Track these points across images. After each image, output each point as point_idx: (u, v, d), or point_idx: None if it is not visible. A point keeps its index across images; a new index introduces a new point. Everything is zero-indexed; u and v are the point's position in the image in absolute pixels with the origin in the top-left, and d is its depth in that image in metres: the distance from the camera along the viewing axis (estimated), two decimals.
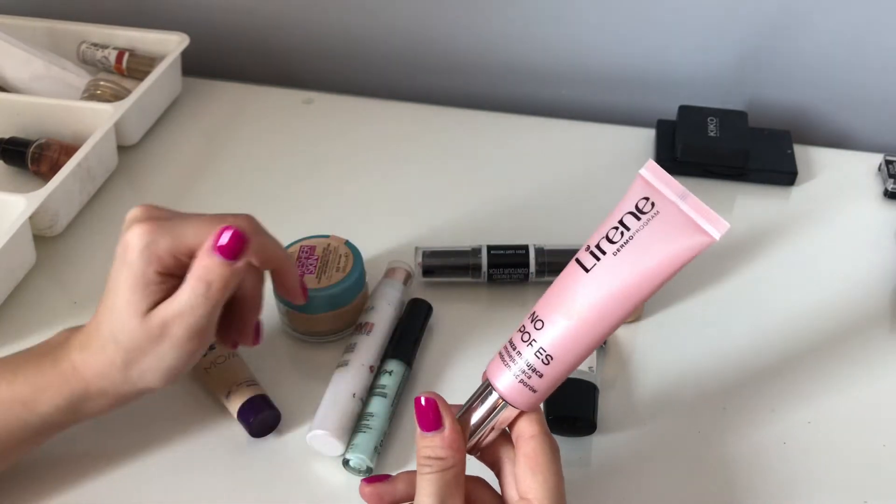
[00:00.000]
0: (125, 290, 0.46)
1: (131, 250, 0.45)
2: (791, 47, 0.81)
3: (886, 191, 0.74)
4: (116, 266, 0.46)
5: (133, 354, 0.46)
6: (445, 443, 0.41)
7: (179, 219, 0.47)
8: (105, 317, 0.47)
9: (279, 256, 0.50)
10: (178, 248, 0.45)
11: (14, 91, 0.80)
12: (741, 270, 0.67)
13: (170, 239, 0.45)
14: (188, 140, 0.81)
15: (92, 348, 0.47)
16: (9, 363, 0.49)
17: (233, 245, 0.45)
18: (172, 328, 0.46)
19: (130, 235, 0.45)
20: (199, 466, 0.53)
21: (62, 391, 0.47)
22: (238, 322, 0.51)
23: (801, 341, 0.62)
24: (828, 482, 0.53)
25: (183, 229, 0.46)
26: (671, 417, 0.56)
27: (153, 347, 0.46)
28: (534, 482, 0.41)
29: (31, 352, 0.50)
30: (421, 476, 0.41)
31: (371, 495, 0.45)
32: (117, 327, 0.46)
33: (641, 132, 0.81)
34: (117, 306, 0.46)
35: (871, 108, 0.84)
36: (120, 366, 0.47)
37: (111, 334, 0.46)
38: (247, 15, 0.91)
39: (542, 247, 0.65)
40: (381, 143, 0.81)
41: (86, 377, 0.47)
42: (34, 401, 0.47)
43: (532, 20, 0.85)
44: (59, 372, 0.47)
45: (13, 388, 0.47)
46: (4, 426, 0.47)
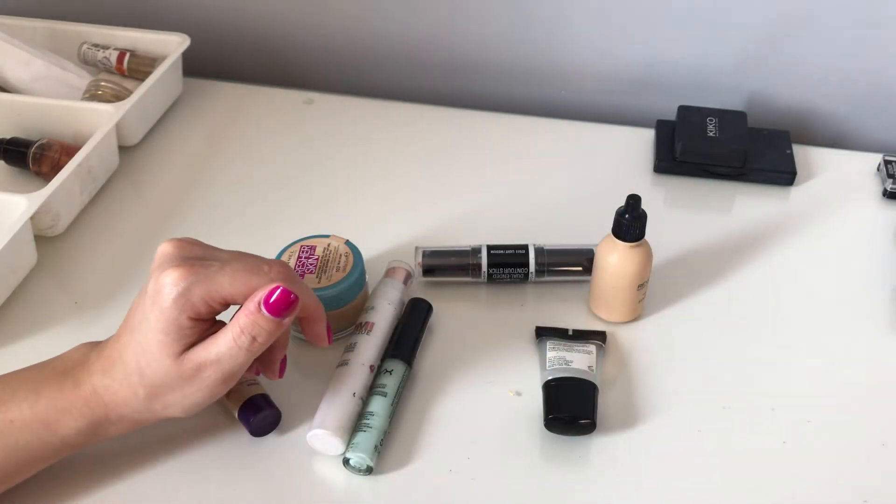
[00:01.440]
0: (157, 332, 0.46)
1: (165, 296, 0.45)
2: (790, 47, 0.82)
3: (885, 191, 0.74)
4: (148, 304, 0.46)
5: (160, 390, 0.47)
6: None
7: (215, 267, 0.47)
8: (132, 350, 0.47)
9: (311, 306, 0.51)
10: (213, 298, 0.46)
11: (15, 91, 0.80)
12: (740, 270, 0.67)
13: (205, 288, 0.46)
14: (189, 140, 0.81)
15: (115, 376, 0.47)
16: (29, 380, 0.49)
17: (283, 304, 0.47)
18: (206, 372, 0.47)
19: (165, 280, 0.46)
20: (200, 466, 0.53)
21: (84, 414, 0.47)
22: (266, 357, 0.52)
23: (801, 341, 0.62)
24: (828, 482, 0.53)
25: (219, 278, 0.46)
26: (671, 417, 0.56)
27: (182, 386, 0.47)
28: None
29: (51, 368, 0.49)
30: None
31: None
32: (145, 363, 0.46)
33: (641, 132, 0.82)
34: (148, 344, 0.46)
35: (871, 108, 0.84)
36: (143, 398, 0.47)
37: (138, 368, 0.47)
38: (247, 15, 0.91)
39: (542, 247, 0.65)
40: (381, 143, 0.81)
41: (107, 403, 0.48)
42: (56, 422, 0.47)
43: (532, 21, 0.85)
44: (80, 395, 0.48)
45: (35, 410, 0.47)
46: (26, 446, 0.47)
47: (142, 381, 0.47)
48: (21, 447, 0.47)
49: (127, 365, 0.47)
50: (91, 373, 0.48)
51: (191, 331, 0.46)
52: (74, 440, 0.48)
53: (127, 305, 0.63)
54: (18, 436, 0.47)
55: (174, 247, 0.48)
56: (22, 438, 0.47)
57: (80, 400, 0.47)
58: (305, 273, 0.59)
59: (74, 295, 0.65)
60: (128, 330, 0.48)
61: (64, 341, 0.61)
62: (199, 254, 0.48)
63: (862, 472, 0.53)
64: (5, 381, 0.49)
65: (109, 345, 0.49)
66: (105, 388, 0.48)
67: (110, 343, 0.49)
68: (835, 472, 0.53)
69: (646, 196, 0.59)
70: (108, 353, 0.48)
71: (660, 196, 0.75)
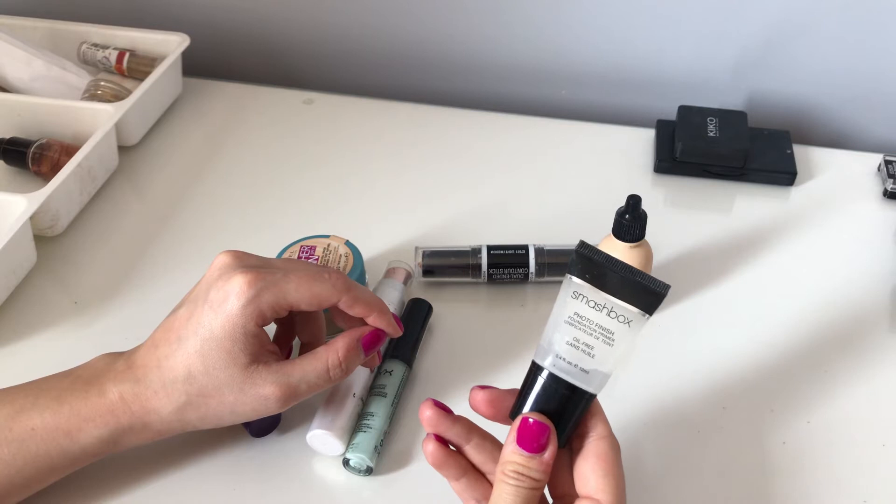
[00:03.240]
0: (223, 339, 0.46)
1: (232, 303, 0.45)
2: (790, 47, 0.82)
3: (886, 191, 0.74)
4: (207, 312, 0.46)
5: (208, 399, 0.47)
6: (543, 467, 0.41)
7: (279, 274, 0.47)
8: (182, 358, 0.46)
9: (376, 303, 0.50)
10: (280, 305, 0.46)
11: (15, 91, 0.80)
12: (741, 270, 0.67)
13: (273, 295, 0.46)
14: (188, 140, 0.81)
15: (150, 384, 0.47)
16: (51, 389, 0.48)
17: (376, 343, 0.50)
18: (276, 392, 0.47)
19: (232, 286, 0.46)
20: (200, 466, 0.53)
21: (107, 423, 0.47)
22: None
23: (801, 341, 0.62)
24: (828, 482, 0.53)
25: (285, 285, 0.46)
26: (671, 417, 0.56)
27: (239, 398, 0.47)
28: (605, 484, 0.40)
29: (74, 377, 0.49)
30: (506, 484, 0.40)
31: (430, 419, 0.43)
32: (202, 370, 0.46)
33: (641, 132, 0.82)
34: (209, 352, 0.46)
35: (871, 108, 0.84)
36: (182, 405, 0.47)
37: (188, 375, 0.46)
38: (247, 15, 0.91)
39: (542, 247, 0.65)
40: (381, 143, 0.81)
41: (134, 411, 0.47)
42: (77, 430, 0.47)
43: (532, 21, 0.85)
44: (105, 403, 0.47)
45: (58, 418, 0.47)
46: (45, 454, 0.47)
47: (188, 387, 0.46)
48: (41, 456, 0.47)
49: (171, 372, 0.46)
50: (119, 381, 0.47)
51: (255, 339, 0.46)
52: (94, 449, 0.48)
53: (127, 305, 0.64)
54: (39, 444, 0.46)
55: (232, 256, 0.48)
56: (42, 447, 0.47)
57: (104, 408, 0.47)
58: None
59: (74, 295, 0.65)
60: (174, 339, 0.47)
61: (63, 341, 0.62)
62: (256, 263, 0.48)
63: (862, 472, 0.53)
64: (27, 389, 0.49)
65: (142, 354, 0.48)
66: (135, 396, 0.47)
67: (142, 352, 0.48)
68: (835, 472, 0.53)
69: (646, 196, 0.59)
70: (143, 362, 0.48)
71: (660, 196, 0.75)
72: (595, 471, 0.41)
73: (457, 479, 0.44)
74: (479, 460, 0.44)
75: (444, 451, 0.43)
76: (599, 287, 0.41)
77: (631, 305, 0.41)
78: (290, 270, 0.48)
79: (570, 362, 0.41)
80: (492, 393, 0.44)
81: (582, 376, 0.41)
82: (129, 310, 0.64)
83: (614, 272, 0.41)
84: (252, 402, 0.47)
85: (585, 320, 0.41)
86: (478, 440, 0.44)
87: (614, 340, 0.41)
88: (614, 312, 0.41)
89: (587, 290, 0.41)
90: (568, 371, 0.41)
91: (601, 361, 0.41)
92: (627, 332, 0.41)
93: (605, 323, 0.41)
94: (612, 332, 0.41)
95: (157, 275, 0.67)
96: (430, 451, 0.43)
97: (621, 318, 0.41)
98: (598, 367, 0.41)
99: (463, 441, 0.44)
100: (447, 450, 0.44)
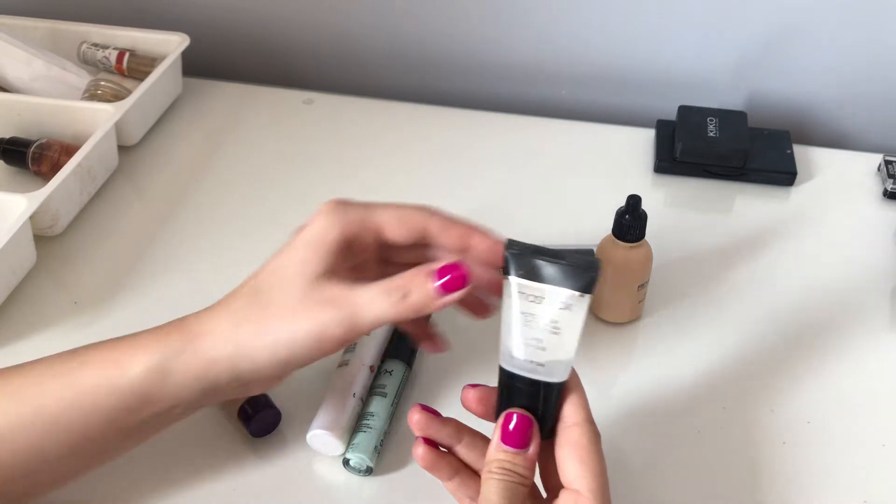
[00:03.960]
0: (302, 249, 0.44)
1: (317, 215, 0.44)
2: (790, 47, 0.82)
3: (886, 191, 0.74)
4: (295, 236, 0.45)
5: (266, 311, 0.43)
6: (527, 462, 0.41)
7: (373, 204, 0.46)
8: (253, 279, 0.44)
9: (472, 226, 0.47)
10: (365, 221, 0.44)
11: (15, 91, 0.80)
12: (740, 270, 0.67)
13: (361, 210, 0.45)
14: (188, 140, 0.81)
15: (212, 307, 0.45)
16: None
17: (456, 285, 0.43)
18: (336, 310, 0.42)
19: (320, 208, 0.45)
20: (200, 466, 0.53)
21: (158, 346, 0.44)
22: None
23: (801, 341, 0.62)
24: (828, 482, 0.53)
25: (372, 207, 0.45)
26: (671, 417, 0.56)
27: (297, 315, 0.43)
28: (583, 472, 0.40)
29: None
30: (493, 481, 0.40)
31: (419, 423, 0.43)
32: (271, 282, 0.43)
33: (641, 132, 0.81)
34: (284, 262, 0.44)
35: (871, 108, 0.84)
36: (237, 317, 0.43)
37: (254, 289, 0.44)
38: (247, 15, 0.91)
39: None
40: (381, 143, 0.81)
41: (186, 331, 0.44)
42: (128, 358, 0.44)
43: (532, 21, 0.85)
44: (162, 329, 0.45)
45: (113, 346, 0.45)
46: (94, 389, 0.43)
47: (248, 293, 0.44)
48: (88, 390, 0.43)
49: (235, 293, 0.44)
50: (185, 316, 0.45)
51: (335, 256, 0.44)
52: (141, 384, 0.43)
53: (127, 305, 0.64)
54: (89, 377, 0.44)
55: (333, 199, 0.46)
56: (92, 380, 0.44)
57: (158, 332, 0.45)
58: None
59: (74, 295, 0.65)
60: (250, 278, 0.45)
61: (64, 341, 0.61)
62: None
63: (862, 472, 0.53)
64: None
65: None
66: (195, 318, 0.45)
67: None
68: (835, 472, 0.53)
69: (646, 196, 0.59)
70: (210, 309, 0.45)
71: (660, 196, 0.75)
72: (570, 459, 0.41)
73: (449, 479, 0.44)
74: (471, 459, 0.44)
75: (434, 453, 0.44)
76: (534, 279, 0.41)
77: (567, 289, 0.41)
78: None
79: (524, 359, 0.42)
80: (482, 391, 0.44)
81: (539, 370, 0.42)
82: (129, 310, 0.64)
83: (545, 261, 0.41)
84: (311, 320, 0.43)
85: (528, 315, 0.42)
86: (468, 439, 0.44)
87: (560, 328, 0.41)
88: (553, 300, 0.41)
89: (524, 285, 0.42)
90: (524, 368, 0.42)
91: (553, 352, 0.41)
92: (571, 317, 0.41)
93: (547, 313, 0.41)
94: (556, 321, 0.41)
95: (157, 275, 0.67)
96: (420, 454, 0.44)
97: (561, 305, 0.41)
98: (552, 358, 0.41)
99: (453, 441, 0.44)
100: (437, 451, 0.44)
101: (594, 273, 0.41)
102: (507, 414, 0.42)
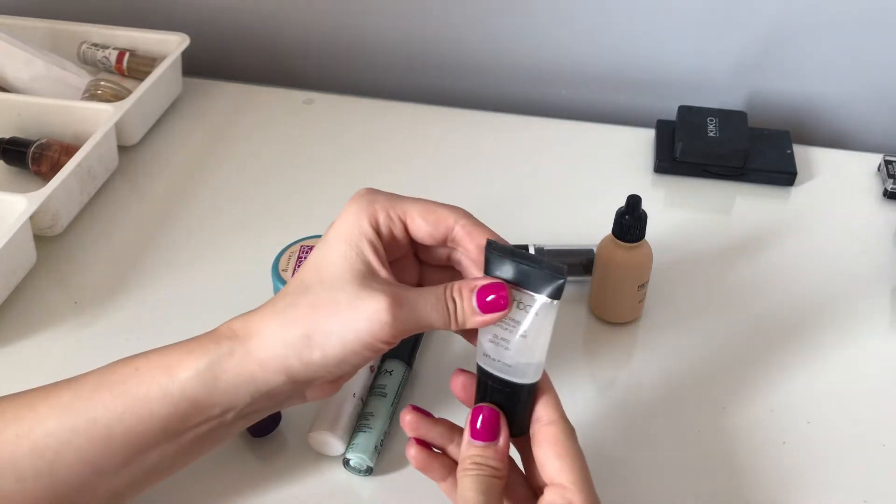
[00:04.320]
0: (337, 243, 0.43)
1: (347, 205, 0.44)
2: (790, 47, 0.82)
3: (886, 191, 0.74)
4: (329, 229, 0.44)
5: (317, 311, 0.42)
6: (499, 455, 0.42)
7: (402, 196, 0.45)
8: (297, 276, 0.43)
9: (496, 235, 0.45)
10: (395, 210, 0.44)
11: (15, 91, 0.80)
12: (740, 270, 0.67)
13: (388, 199, 0.44)
14: (188, 140, 0.81)
15: (259, 309, 0.44)
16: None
17: (497, 306, 0.42)
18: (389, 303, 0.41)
19: (348, 202, 0.44)
20: (199, 466, 0.53)
21: (207, 351, 0.43)
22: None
23: (801, 341, 0.62)
24: (828, 482, 0.53)
25: (401, 198, 0.45)
26: (671, 417, 0.56)
27: (348, 311, 0.41)
28: (563, 466, 0.41)
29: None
30: (468, 476, 0.41)
31: (411, 423, 0.44)
32: (314, 273, 0.43)
33: (641, 132, 0.81)
34: (324, 255, 0.43)
35: (871, 108, 0.84)
36: (286, 317, 0.43)
37: (299, 282, 0.43)
38: (247, 15, 0.91)
39: (542, 247, 0.65)
40: (381, 143, 0.81)
41: (236, 334, 0.43)
42: (178, 364, 0.43)
43: (532, 20, 0.85)
44: (211, 335, 0.44)
45: (162, 354, 0.44)
46: (146, 397, 0.43)
47: (297, 292, 0.43)
48: (140, 398, 0.42)
49: (283, 293, 0.43)
50: (232, 320, 0.45)
51: (372, 249, 0.43)
52: (192, 388, 0.43)
53: (127, 305, 0.64)
54: (140, 384, 0.43)
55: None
56: (143, 388, 0.43)
57: (208, 339, 0.44)
58: None
59: (74, 295, 0.65)
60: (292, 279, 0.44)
61: (64, 341, 0.62)
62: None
63: (862, 472, 0.53)
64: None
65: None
66: (242, 321, 0.44)
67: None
68: (835, 472, 0.53)
69: (646, 196, 0.59)
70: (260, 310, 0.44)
71: (660, 196, 0.75)
72: (549, 456, 0.42)
73: (443, 480, 0.45)
74: None
75: (425, 453, 0.44)
76: (506, 281, 0.42)
77: (534, 293, 0.41)
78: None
79: (493, 358, 0.43)
80: (468, 378, 0.45)
81: (507, 369, 0.42)
82: (129, 310, 0.64)
83: (519, 265, 0.42)
84: (364, 317, 0.41)
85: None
86: (460, 440, 0.44)
87: (527, 331, 0.42)
88: (522, 303, 0.42)
89: None
90: (494, 366, 0.43)
91: (519, 353, 0.42)
92: (536, 321, 0.42)
93: (515, 315, 0.42)
94: (519, 323, 0.42)
95: (157, 275, 0.67)
96: (413, 455, 0.44)
97: (528, 308, 0.42)
98: (519, 360, 0.42)
99: (446, 441, 0.45)
100: (430, 452, 0.45)
101: (562, 280, 0.41)
102: (475, 409, 0.43)
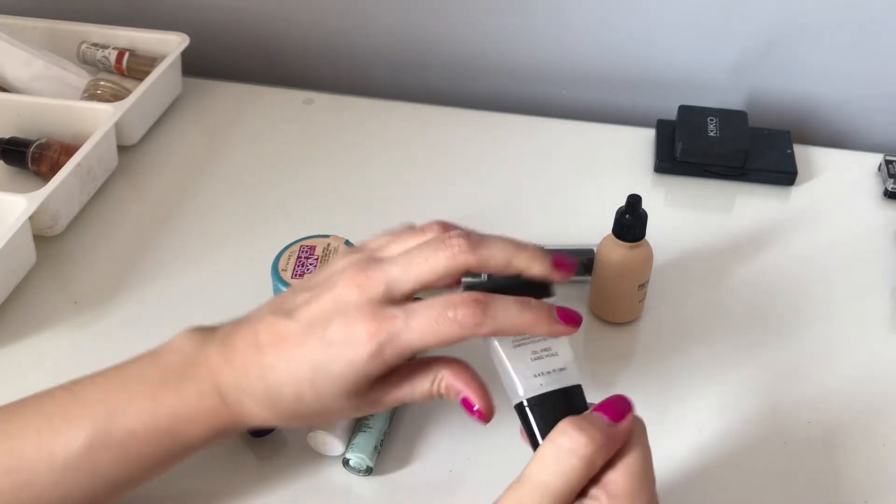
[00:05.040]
0: (337, 380, 0.43)
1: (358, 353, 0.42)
2: (791, 47, 0.82)
3: (886, 191, 0.74)
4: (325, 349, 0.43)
5: (313, 418, 0.47)
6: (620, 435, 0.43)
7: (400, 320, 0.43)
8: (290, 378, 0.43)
9: (524, 249, 0.48)
10: (404, 355, 0.43)
11: (14, 91, 0.80)
12: (740, 270, 0.67)
13: (397, 347, 0.42)
14: (188, 140, 0.81)
15: (252, 395, 0.44)
16: (141, 383, 0.46)
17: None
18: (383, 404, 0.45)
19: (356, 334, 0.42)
20: (199, 466, 0.53)
21: (208, 424, 0.45)
22: None
23: (801, 341, 0.62)
24: (828, 482, 0.53)
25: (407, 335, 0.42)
26: (671, 417, 0.56)
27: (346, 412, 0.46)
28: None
29: (163, 367, 0.46)
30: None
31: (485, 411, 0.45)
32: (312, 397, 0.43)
33: (641, 132, 0.81)
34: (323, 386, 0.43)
35: (871, 108, 0.84)
36: (285, 418, 0.45)
37: (296, 397, 0.43)
38: (247, 15, 0.91)
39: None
40: (381, 143, 0.81)
41: (234, 415, 0.45)
42: (179, 431, 0.45)
43: (532, 20, 0.85)
44: (204, 406, 0.45)
45: (157, 420, 0.45)
46: (150, 454, 0.46)
47: (297, 407, 0.44)
48: (145, 456, 0.46)
49: (279, 389, 0.44)
50: (218, 379, 0.45)
51: (373, 379, 0.44)
52: (199, 444, 0.46)
53: (127, 305, 0.64)
54: (142, 446, 0.45)
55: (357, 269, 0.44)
56: (146, 448, 0.45)
57: (204, 411, 0.45)
58: (305, 273, 0.59)
59: (74, 295, 0.65)
60: (283, 354, 0.43)
61: (63, 341, 0.62)
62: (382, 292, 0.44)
63: (862, 472, 0.53)
64: (114, 382, 0.46)
65: (241, 350, 0.45)
66: (238, 403, 0.45)
67: (241, 347, 0.45)
68: (835, 472, 0.53)
69: (646, 196, 0.59)
70: (243, 362, 0.44)
71: (660, 196, 0.75)
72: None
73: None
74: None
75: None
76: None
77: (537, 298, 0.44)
78: (413, 314, 0.43)
79: (543, 373, 0.42)
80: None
81: (562, 375, 0.42)
82: (129, 310, 0.64)
83: (505, 285, 0.45)
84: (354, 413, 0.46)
85: (524, 336, 0.43)
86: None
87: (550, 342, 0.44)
88: None
89: None
90: (549, 382, 0.42)
91: (564, 350, 0.43)
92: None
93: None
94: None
95: (157, 275, 0.67)
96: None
97: None
98: (567, 357, 0.43)
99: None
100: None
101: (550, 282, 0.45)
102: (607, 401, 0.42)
